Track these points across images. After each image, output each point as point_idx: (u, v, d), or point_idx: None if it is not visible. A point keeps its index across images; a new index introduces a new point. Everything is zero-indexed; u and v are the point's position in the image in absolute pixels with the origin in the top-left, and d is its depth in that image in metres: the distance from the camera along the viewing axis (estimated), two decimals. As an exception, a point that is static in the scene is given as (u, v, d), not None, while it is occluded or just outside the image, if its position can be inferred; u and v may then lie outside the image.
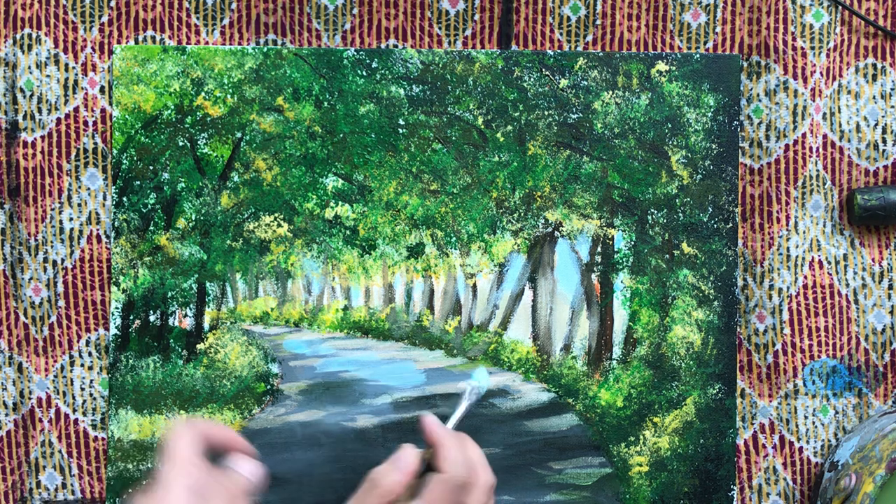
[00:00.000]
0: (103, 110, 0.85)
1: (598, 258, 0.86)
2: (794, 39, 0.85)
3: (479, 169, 0.86)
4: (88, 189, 0.85)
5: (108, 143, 0.85)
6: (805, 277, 0.86)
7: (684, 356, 0.85)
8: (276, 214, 0.86)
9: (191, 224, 0.86)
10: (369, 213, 0.86)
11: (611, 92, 0.85)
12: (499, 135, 0.86)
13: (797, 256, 0.86)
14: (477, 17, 0.86)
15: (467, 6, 0.86)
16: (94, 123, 0.85)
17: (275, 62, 0.85)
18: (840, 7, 0.86)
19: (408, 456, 0.66)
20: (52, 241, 0.85)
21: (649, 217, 0.86)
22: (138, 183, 0.85)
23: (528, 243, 0.86)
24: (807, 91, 0.86)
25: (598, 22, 0.86)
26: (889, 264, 0.86)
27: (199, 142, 0.85)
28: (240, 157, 0.86)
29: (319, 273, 0.87)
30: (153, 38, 0.85)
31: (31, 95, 0.85)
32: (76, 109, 0.85)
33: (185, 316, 0.86)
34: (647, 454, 0.85)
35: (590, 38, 0.86)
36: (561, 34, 0.86)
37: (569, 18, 0.86)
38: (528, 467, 0.84)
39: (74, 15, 0.85)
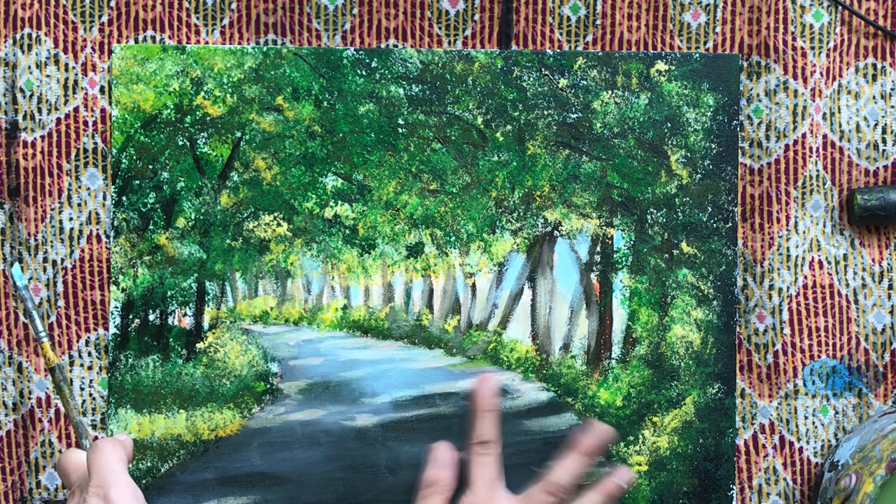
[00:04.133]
0: (103, 110, 0.85)
1: (598, 257, 0.86)
2: (794, 39, 0.85)
3: (478, 168, 0.86)
4: (88, 189, 0.85)
5: (108, 142, 0.85)
6: (805, 277, 0.86)
7: (683, 356, 0.85)
8: (276, 214, 0.86)
9: (190, 223, 0.86)
10: (369, 212, 0.86)
11: (610, 91, 0.85)
12: (498, 134, 0.86)
13: (797, 256, 0.86)
14: (477, 17, 0.86)
15: (467, 6, 0.86)
16: (94, 123, 0.85)
17: (274, 62, 0.85)
18: (840, 7, 0.86)
19: (444, 449, 0.76)
20: (51, 241, 0.85)
21: (648, 216, 0.86)
22: (138, 182, 0.85)
23: (527, 243, 0.86)
24: (807, 91, 0.85)
25: (598, 22, 0.86)
26: (889, 264, 0.86)
27: (198, 141, 0.85)
28: (239, 157, 0.86)
29: (319, 272, 0.87)
30: (153, 37, 0.86)
31: (31, 95, 0.85)
32: (76, 109, 0.85)
33: (185, 315, 0.86)
34: (647, 453, 0.85)
35: (590, 37, 0.86)
36: (561, 34, 0.86)
37: (569, 18, 0.86)
38: (528, 466, 0.84)
39: (74, 15, 0.85)
